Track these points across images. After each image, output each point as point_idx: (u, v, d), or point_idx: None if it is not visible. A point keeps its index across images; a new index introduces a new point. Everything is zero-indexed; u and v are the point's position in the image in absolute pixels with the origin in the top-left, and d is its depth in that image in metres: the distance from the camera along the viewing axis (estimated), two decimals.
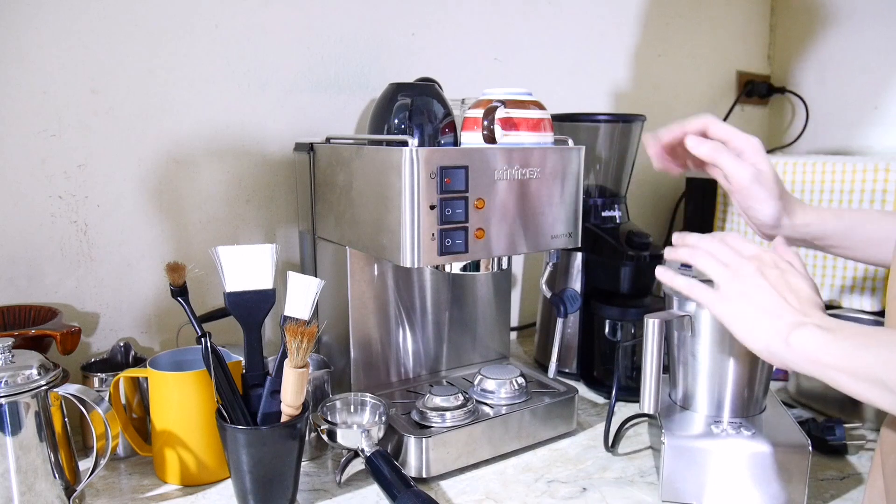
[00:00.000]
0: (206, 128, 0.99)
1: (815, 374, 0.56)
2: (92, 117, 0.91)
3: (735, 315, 0.62)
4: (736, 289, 0.62)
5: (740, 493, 0.72)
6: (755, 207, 0.73)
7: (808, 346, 0.56)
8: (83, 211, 0.92)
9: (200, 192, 1.00)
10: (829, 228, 0.74)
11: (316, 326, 0.70)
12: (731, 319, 0.62)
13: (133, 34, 0.92)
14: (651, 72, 1.51)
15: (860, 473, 0.81)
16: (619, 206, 1.12)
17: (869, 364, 0.53)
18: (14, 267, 0.88)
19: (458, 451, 0.80)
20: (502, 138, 0.79)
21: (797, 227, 0.74)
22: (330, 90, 1.08)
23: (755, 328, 0.60)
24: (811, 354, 0.56)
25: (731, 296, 0.63)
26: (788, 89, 1.68)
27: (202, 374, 0.75)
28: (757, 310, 0.60)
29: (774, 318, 0.59)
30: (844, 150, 1.58)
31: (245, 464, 0.69)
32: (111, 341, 0.94)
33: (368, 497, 0.76)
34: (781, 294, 0.61)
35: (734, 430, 0.74)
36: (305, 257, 1.00)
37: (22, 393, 0.64)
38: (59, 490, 0.68)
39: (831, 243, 0.75)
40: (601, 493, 0.77)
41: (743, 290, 0.62)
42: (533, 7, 1.30)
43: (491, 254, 0.80)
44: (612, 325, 1.04)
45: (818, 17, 1.62)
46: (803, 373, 0.57)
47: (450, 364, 1.00)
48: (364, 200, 0.82)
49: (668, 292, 0.80)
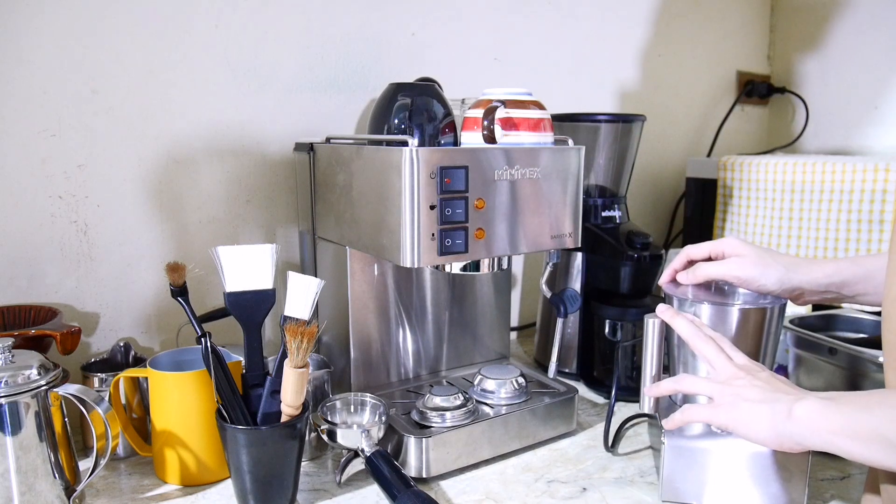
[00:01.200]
0: (206, 128, 0.99)
1: (821, 446, 0.57)
2: (92, 117, 0.91)
3: (735, 416, 0.63)
4: (730, 393, 0.64)
5: (740, 493, 0.72)
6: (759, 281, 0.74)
7: (811, 415, 0.58)
8: (83, 211, 0.92)
9: (200, 192, 1.00)
10: (848, 276, 0.74)
11: (316, 326, 0.70)
12: (732, 420, 0.63)
13: (133, 34, 0.92)
14: (651, 72, 1.51)
15: (860, 473, 0.81)
16: (619, 206, 1.12)
17: (872, 426, 0.54)
18: (14, 267, 0.88)
19: (458, 451, 0.80)
20: (502, 138, 0.79)
21: (818, 280, 0.74)
22: (330, 90, 1.08)
23: (756, 418, 0.61)
24: (814, 424, 0.57)
25: (727, 401, 0.64)
26: (788, 89, 1.68)
27: (202, 374, 0.75)
28: (754, 403, 0.62)
29: (773, 402, 0.61)
30: (844, 150, 1.58)
31: (245, 464, 0.69)
32: (111, 341, 0.94)
33: (368, 497, 0.76)
34: (774, 385, 0.63)
35: None
36: (305, 257, 1.00)
37: (22, 393, 0.64)
38: (59, 490, 0.68)
39: (856, 291, 0.74)
40: (601, 493, 0.77)
41: (736, 392, 0.64)
42: (533, 7, 1.30)
43: (491, 254, 0.80)
44: (611, 325, 1.04)
45: (818, 16, 1.63)
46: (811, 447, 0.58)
47: (450, 364, 1.00)
48: (364, 200, 0.82)
49: (668, 292, 0.80)
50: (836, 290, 0.74)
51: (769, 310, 0.75)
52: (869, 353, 0.90)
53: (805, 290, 0.74)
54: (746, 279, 0.75)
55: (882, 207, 1.10)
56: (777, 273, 0.74)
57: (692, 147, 1.63)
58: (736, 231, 1.29)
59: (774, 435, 0.60)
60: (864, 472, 0.80)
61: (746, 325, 0.75)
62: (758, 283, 0.74)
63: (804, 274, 0.74)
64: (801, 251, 1.19)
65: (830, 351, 0.92)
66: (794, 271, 0.74)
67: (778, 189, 1.22)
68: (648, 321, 0.74)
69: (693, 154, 1.62)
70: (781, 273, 0.74)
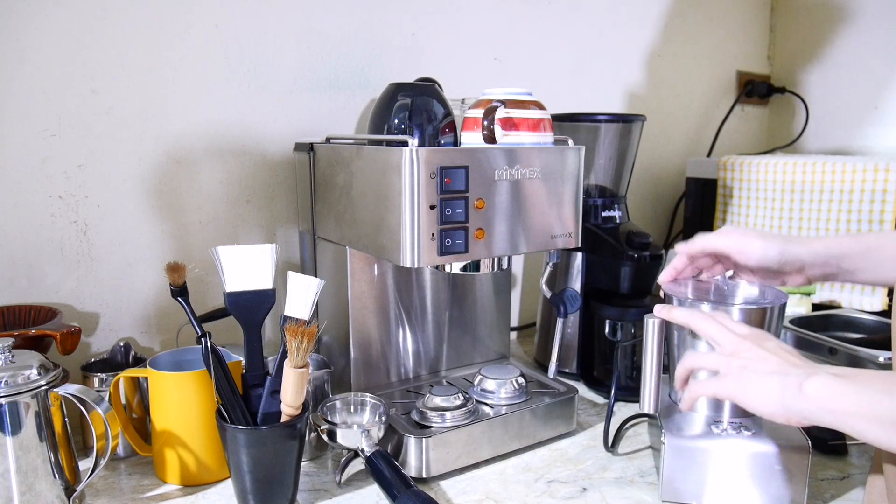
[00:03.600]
0: (206, 128, 0.99)
1: (833, 424, 0.55)
2: (92, 117, 0.91)
3: (742, 388, 0.61)
4: (737, 364, 0.62)
5: (740, 493, 0.72)
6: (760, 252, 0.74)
7: (824, 393, 0.55)
8: (83, 211, 0.92)
9: (200, 192, 1.00)
10: (846, 248, 0.73)
11: (316, 326, 0.70)
12: (740, 392, 0.61)
13: (133, 34, 0.92)
14: (651, 72, 1.51)
15: (860, 473, 0.81)
16: (619, 206, 1.12)
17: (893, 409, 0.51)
18: (14, 267, 0.88)
19: (458, 451, 0.80)
20: (502, 138, 0.79)
21: (818, 251, 0.73)
22: (330, 90, 1.08)
23: (765, 390, 0.59)
24: (828, 403, 0.55)
25: (734, 372, 0.62)
26: (788, 89, 1.69)
27: (202, 374, 0.75)
28: (763, 374, 0.60)
29: (783, 374, 0.58)
30: (844, 150, 1.58)
31: (245, 464, 0.69)
32: (111, 341, 0.94)
33: (368, 497, 0.76)
34: (783, 357, 0.61)
35: (734, 430, 0.74)
36: (305, 257, 1.00)
37: (22, 393, 0.64)
38: (59, 490, 0.68)
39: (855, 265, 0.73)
40: (601, 493, 0.77)
41: (743, 364, 0.62)
42: (533, 7, 1.30)
43: (491, 254, 0.80)
44: (611, 325, 1.04)
45: (818, 17, 1.63)
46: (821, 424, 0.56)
47: (450, 364, 1.00)
48: (364, 200, 0.82)
49: (668, 292, 0.80)
50: (835, 262, 0.73)
51: (769, 310, 0.75)
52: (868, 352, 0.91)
53: (805, 262, 0.74)
54: (748, 251, 0.74)
55: (882, 207, 1.10)
56: (777, 245, 0.73)
57: (692, 147, 1.63)
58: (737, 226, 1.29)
59: (783, 409, 0.58)
60: (865, 473, 0.80)
61: None
62: (759, 254, 0.74)
63: (804, 245, 0.74)
64: None
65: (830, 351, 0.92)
66: (794, 243, 0.74)
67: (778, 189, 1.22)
68: (648, 321, 0.74)
69: (693, 154, 1.62)
70: (781, 245, 0.74)
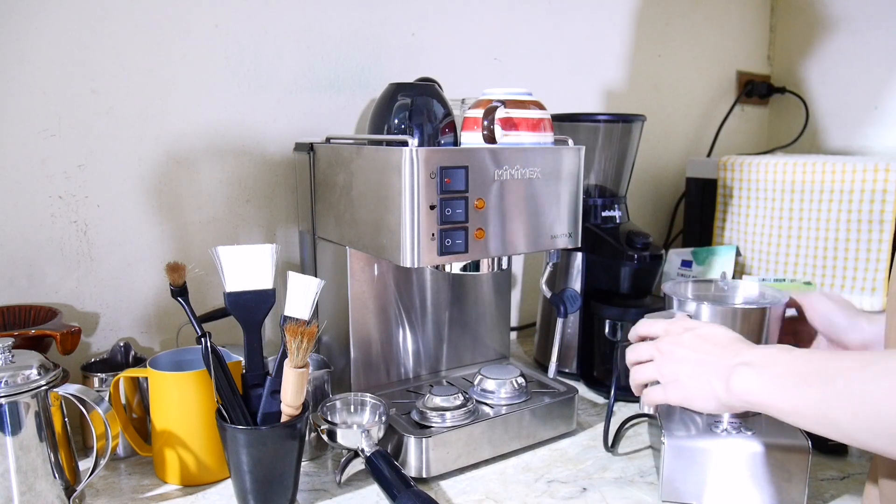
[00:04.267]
0: (206, 128, 0.99)
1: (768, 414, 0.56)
2: (92, 117, 0.91)
3: (683, 394, 0.63)
4: (668, 370, 0.64)
5: (740, 493, 0.72)
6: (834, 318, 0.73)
7: (747, 388, 0.56)
8: (83, 211, 0.92)
9: (200, 192, 1.00)
10: None
11: (316, 326, 0.70)
12: (683, 399, 0.63)
13: (133, 34, 0.92)
14: (651, 72, 1.51)
15: (860, 473, 0.81)
16: (619, 206, 1.12)
17: (812, 402, 0.52)
18: (14, 267, 0.88)
19: (458, 451, 0.80)
20: (502, 138, 0.79)
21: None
22: (330, 90, 1.08)
23: (698, 391, 0.61)
24: (752, 398, 0.56)
25: (669, 379, 0.64)
26: (788, 89, 1.69)
27: (202, 374, 0.75)
28: (691, 375, 0.61)
29: (707, 372, 0.60)
30: (844, 150, 1.58)
31: (245, 464, 0.69)
32: (111, 341, 0.94)
33: (368, 497, 0.76)
34: (700, 350, 0.62)
35: (734, 429, 0.74)
36: (305, 257, 1.00)
37: (22, 393, 0.64)
38: (59, 490, 0.68)
39: None
40: (601, 493, 0.77)
41: (672, 369, 0.63)
42: (532, 7, 1.30)
43: (491, 254, 0.80)
44: (612, 325, 1.04)
45: (818, 17, 1.63)
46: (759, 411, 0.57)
47: (450, 364, 1.00)
48: (364, 200, 0.82)
49: (668, 293, 0.80)
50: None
51: (769, 310, 0.75)
52: None
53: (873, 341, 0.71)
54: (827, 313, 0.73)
55: (882, 207, 1.10)
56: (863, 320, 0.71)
57: (692, 147, 1.63)
58: (736, 231, 1.29)
59: (724, 407, 0.60)
60: (865, 472, 0.80)
61: (746, 325, 0.75)
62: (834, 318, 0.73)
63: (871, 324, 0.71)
64: (801, 251, 1.19)
65: None
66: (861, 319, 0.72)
67: (778, 189, 1.22)
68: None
69: (693, 154, 1.62)
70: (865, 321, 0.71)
